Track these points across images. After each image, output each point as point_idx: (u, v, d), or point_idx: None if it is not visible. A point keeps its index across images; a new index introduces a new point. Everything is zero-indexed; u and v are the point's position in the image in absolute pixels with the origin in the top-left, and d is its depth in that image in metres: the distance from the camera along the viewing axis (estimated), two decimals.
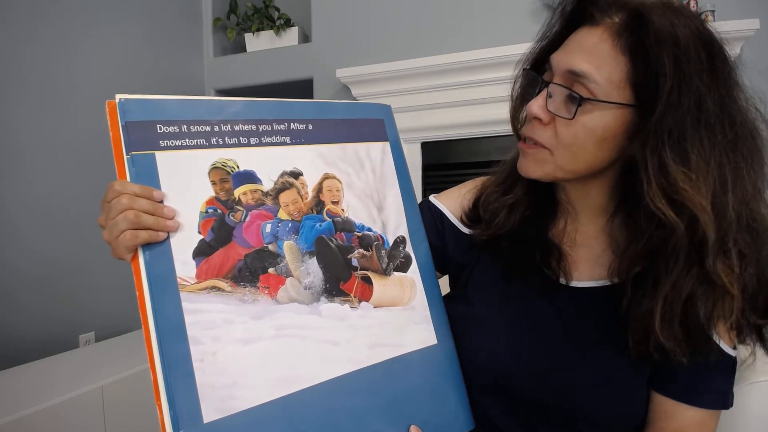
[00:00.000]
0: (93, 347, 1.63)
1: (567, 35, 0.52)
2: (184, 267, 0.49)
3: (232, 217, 0.53)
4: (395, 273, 0.62)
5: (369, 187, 0.64)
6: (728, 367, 0.52)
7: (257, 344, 0.50)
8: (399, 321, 0.60)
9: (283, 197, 0.57)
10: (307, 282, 0.56)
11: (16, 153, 1.54)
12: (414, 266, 0.64)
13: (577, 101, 0.47)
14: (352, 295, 0.58)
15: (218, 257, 0.51)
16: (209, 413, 0.46)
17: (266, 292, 0.52)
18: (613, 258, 0.54)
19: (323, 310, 0.55)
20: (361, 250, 0.60)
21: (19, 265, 1.52)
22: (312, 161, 0.60)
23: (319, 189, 0.59)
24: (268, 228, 0.55)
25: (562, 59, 0.50)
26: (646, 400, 0.55)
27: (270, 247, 0.55)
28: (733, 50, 1.58)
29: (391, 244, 0.63)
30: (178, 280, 0.48)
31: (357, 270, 0.59)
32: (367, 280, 0.60)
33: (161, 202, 0.49)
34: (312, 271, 0.56)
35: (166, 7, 2.31)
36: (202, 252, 0.50)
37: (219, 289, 0.50)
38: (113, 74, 1.91)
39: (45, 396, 1.14)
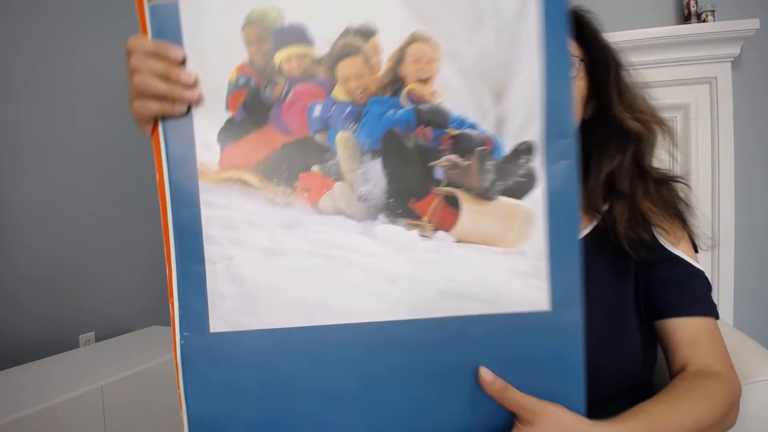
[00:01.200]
0: (93, 347, 1.55)
1: None
2: (207, 150, 0.40)
3: (269, 92, 0.40)
4: (502, 198, 0.41)
5: (486, 59, 0.40)
6: (700, 278, 0.59)
7: (285, 258, 0.41)
8: (493, 268, 0.41)
9: (343, 67, 0.40)
10: (364, 191, 0.41)
11: (16, 153, 1.47)
12: (540, 191, 0.41)
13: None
14: (425, 218, 0.41)
15: (248, 143, 0.40)
16: (216, 323, 0.40)
17: (305, 195, 0.41)
18: (589, 213, 0.63)
19: (379, 232, 0.41)
20: (452, 157, 0.41)
21: (19, 265, 1.47)
22: (394, 12, 0.39)
23: (400, 57, 0.40)
24: (317, 110, 0.40)
25: None
26: (636, 336, 0.58)
27: (317, 137, 0.41)
28: (733, 50, 1.60)
29: (507, 152, 0.41)
30: (198, 165, 0.40)
31: (440, 185, 0.41)
32: (453, 202, 0.41)
33: (183, 64, 0.39)
34: (373, 177, 0.41)
35: None
36: (229, 134, 0.40)
37: (245, 182, 0.40)
38: (114, 74, 1.78)
39: (45, 396, 1.09)
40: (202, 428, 0.41)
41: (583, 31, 0.60)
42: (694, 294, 0.57)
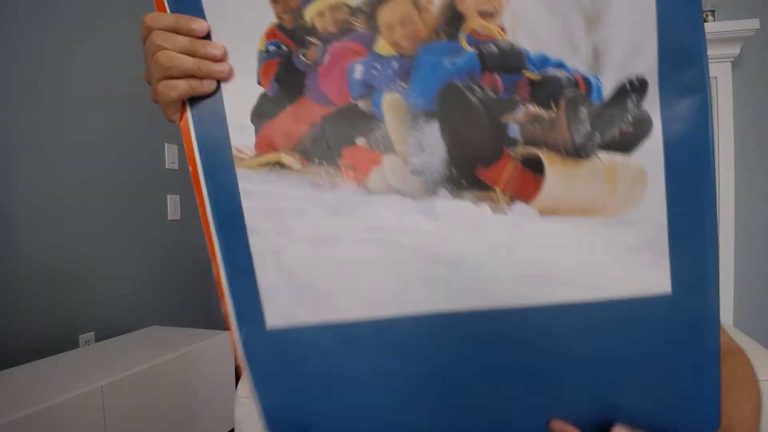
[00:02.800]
0: (93, 347, 1.52)
1: None
2: (241, 133, 0.36)
3: (302, 57, 0.34)
4: (601, 154, 0.32)
5: None
6: None
7: (336, 248, 0.35)
8: (591, 243, 0.32)
9: (386, 13, 0.33)
10: (419, 162, 0.34)
11: (15, 152, 1.45)
12: (655, 140, 0.31)
13: None
14: (498, 188, 0.33)
15: (285, 120, 0.35)
16: (272, 319, 0.37)
17: (351, 174, 0.35)
18: None
19: (441, 210, 0.34)
20: (532, 108, 0.32)
21: (19, 265, 1.45)
22: None
23: None
24: (358, 71, 0.34)
25: None
26: None
27: (360, 103, 0.34)
28: (733, 50, 1.67)
29: (608, 94, 0.31)
30: (234, 150, 0.36)
31: (516, 145, 0.32)
32: (534, 165, 0.32)
33: (207, 37, 0.34)
34: (429, 144, 0.34)
35: None
36: (263, 112, 0.35)
37: (285, 166, 0.35)
38: (118, 72, 1.75)
39: (45, 396, 1.08)
40: (276, 417, 0.39)
41: None
42: None
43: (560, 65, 0.31)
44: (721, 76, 1.70)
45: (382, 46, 0.33)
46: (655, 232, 0.31)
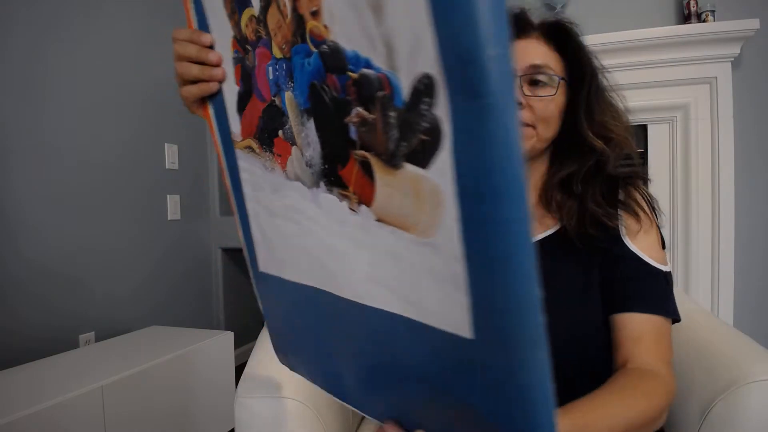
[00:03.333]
0: (93, 347, 1.47)
1: None
2: (234, 122, 0.47)
3: (247, 61, 0.42)
4: (408, 166, 0.28)
5: None
6: (657, 276, 0.60)
7: (277, 220, 0.44)
8: (409, 260, 0.30)
9: (270, 20, 0.36)
10: (308, 156, 0.38)
11: (15, 152, 1.37)
12: (446, 154, 0.25)
13: (540, 84, 0.63)
14: (351, 189, 0.34)
15: (249, 112, 0.44)
16: (261, 265, 0.50)
17: (279, 161, 0.42)
18: (552, 213, 0.66)
19: (322, 201, 0.37)
20: (360, 110, 0.31)
21: (19, 265, 1.42)
22: None
23: None
24: (270, 73, 0.39)
25: (519, 59, 0.64)
26: (600, 326, 0.60)
27: (276, 100, 0.40)
28: (733, 50, 1.70)
29: (407, 96, 0.27)
30: (232, 135, 0.48)
31: (356, 148, 0.32)
32: (368, 170, 0.31)
33: (212, 47, 0.46)
34: (311, 140, 0.37)
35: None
36: (240, 105, 0.45)
37: (252, 149, 0.45)
38: (119, 73, 1.72)
39: (45, 396, 1.06)
40: (274, 339, 0.54)
41: (568, 44, 0.66)
42: (646, 291, 0.59)
43: (368, 63, 0.28)
44: (721, 76, 1.71)
45: (276, 50, 0.37)
46: (454, 264, 0.26)
